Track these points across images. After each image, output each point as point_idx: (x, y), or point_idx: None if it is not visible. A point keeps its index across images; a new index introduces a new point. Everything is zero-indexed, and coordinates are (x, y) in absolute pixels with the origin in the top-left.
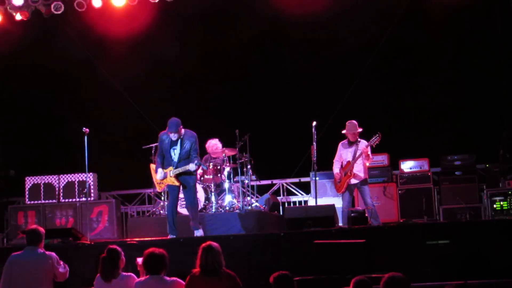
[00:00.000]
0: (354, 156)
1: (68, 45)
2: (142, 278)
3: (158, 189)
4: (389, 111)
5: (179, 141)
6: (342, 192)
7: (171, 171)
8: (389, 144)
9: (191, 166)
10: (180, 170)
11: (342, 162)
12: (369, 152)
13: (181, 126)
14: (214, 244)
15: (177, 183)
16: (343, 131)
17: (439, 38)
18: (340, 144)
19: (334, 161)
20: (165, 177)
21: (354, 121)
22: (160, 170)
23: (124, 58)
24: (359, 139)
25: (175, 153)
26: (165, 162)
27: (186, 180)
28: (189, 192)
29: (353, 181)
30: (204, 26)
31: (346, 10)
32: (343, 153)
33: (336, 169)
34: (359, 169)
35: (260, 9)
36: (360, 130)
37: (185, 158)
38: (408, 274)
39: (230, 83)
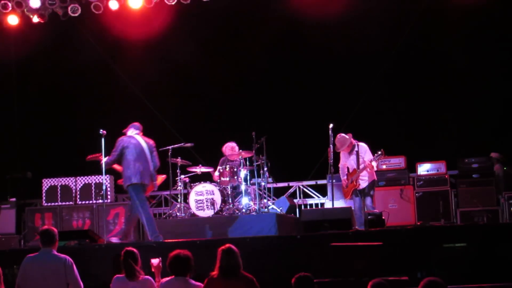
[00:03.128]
0: (358, 162)
1: (85, 47)
2: (167, 278)
3: None
4: (406, 113)
5: None
6: (348, 198)
7: None
8: (406, 147)
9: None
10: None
11: (348, 168)
12: (373, 164)
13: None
14: (233, 247)
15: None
16: (338, 150)
17: (455, 40)
18: (341, 152)
19: (339, 166)
20: None
21: (341, 135)
22: None
23: (141, 60)
24: (356, 144)
25: None
26: None
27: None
28: (131, 201)
29: (360, 187)
30: (221, 29)
31: (363, 13)
32: (347, 161)
33: (343, 175)
34: (364, 174)
35: (277, 11)
36: (350, 139)
37: None
38: (425, 277)
39: (247, 85)
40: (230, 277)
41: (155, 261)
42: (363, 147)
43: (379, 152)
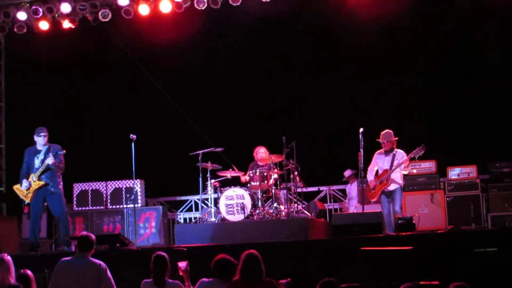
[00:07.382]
0: (392, 164)
1: (116, 52)
2: (208, 279)
3: (28, 200)
4: (437, 117)
5: (43, 150)
6: (374, 200)
7: (33, 176)
8: (437, 151)
9: (49, 159)
10: (41, 169)
11: (378, 171)
12: (408, 163)
13: (47, 135)
14: (255, 252)
15: (43, 182)
16: (378, 139)
17: (486, 43)
18: (376, 154)
19: (368, 169)
20: (30, 185)
21: (390, 130)
22: (24, 180)
23: (171, 65)
24: (395, 149)
25: (39, 159)
26: (29, 172)
27: (48, 190)
28: (55, 202)
29: (390, 188)
30: (252, 33)
31: (394, 19)
32: (379, 162)
33: (370, 177)
34: (396, 176)
35: (309, 17)
36: (395, 139)
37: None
38: (455, 282)
39: (277, 90)
40: (251, 282)
41: (182, 265)
42: (401, 153)
43: (420, 147)
